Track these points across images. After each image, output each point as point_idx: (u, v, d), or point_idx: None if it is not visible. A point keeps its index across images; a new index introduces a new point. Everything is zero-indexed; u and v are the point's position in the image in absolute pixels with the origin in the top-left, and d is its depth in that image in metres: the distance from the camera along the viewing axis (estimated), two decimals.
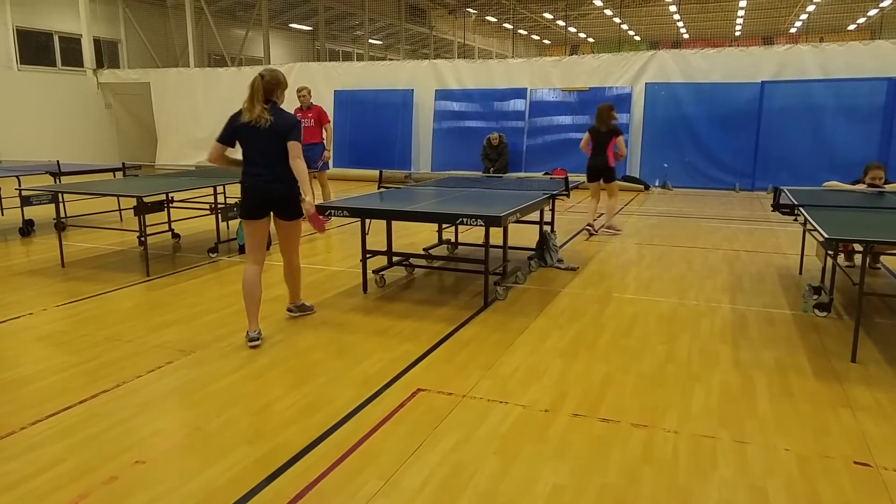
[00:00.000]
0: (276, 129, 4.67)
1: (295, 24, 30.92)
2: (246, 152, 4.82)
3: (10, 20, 18.47)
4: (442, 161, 16.11)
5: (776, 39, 38.52)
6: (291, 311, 5.41)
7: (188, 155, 18.35)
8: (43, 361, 4.46)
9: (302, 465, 3.11)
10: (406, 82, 16.79)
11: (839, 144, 13.07)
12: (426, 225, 8.49)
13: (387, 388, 3.98)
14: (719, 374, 4.20)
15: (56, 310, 5.61)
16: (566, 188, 7.09)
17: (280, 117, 4.73)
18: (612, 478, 3.01)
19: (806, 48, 14.35)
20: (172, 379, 4.15)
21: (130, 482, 2.97)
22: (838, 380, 4.12)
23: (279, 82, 4.78)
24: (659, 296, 6.03)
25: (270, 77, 4.74)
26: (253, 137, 4.72)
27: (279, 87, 4.79)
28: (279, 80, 4.79)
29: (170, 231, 8.40)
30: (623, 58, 15.50)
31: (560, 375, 4.19)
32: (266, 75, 4.74)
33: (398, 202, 6.30)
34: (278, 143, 4.70)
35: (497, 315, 5.44)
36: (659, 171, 14.62)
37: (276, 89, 4.77)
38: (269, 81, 4.72)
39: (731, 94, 14.10)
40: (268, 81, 4.72)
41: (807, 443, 3.33)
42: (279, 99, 4.82)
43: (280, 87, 4.80)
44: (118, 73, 20.30)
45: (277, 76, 4.79)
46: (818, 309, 5.41)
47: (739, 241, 8.62)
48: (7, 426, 3.49)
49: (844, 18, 35.97)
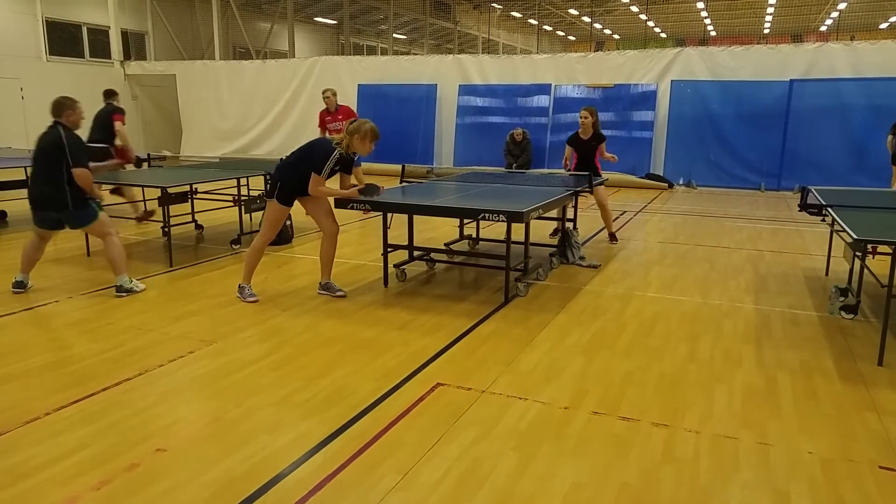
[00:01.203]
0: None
1: (320, 18, 30.98)
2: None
3: (39, 11, 18.69)
4: (464, 156, 16.08)
5: (806, 38, 37.98)
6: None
7: (212, 146, 18.51)
8: (68, 348, 4.52)
9: (320, 456, 3.12)
10: (430, 77, 16.77)
11: (869, 145, 12.82)
12: (447, 220, 8.47)
13: (406, 382, 3.98)
14: (742, 375, 4.15)
15: (81, 298, 5.68)
16: (589, 185, 7.04)
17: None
18: (632, 477, 2.98)
19: (836, 46, 14.10)
20: (194, 368, 4.18)
21: (151, 469, 3.00)
22: (864, 383, 4.05)
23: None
24: (682, 295, 5.97)
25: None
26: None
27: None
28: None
29: (193, 222, 8.46)
30: (649, 55, 15.34)
31: (580, 373, 4.16)
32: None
33: (420, 197, 6.29)
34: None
35: (517, 311, 5.42)
36: (683, 170, 14.46)
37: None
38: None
39: (759, 92, 13.90)
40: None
41: (831, 446, 3.28)
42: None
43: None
44: (145, 65, 20.49)
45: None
46: (845, 311, 5.33)
47: (764, 240, 8.51)
48: (31, 412, 3.54)
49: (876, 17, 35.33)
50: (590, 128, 7.98)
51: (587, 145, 8.06)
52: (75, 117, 5.63)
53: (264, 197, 5.74)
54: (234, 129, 18.84)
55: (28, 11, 18.42)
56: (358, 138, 5.33)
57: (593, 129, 8.01)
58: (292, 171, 5.45)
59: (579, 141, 8.09)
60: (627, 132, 14.85)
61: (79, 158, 5.47)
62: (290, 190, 5.46)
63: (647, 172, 14.53)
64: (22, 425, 3.39)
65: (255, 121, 18.61)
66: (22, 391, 3.82)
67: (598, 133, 8.04)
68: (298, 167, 5.43)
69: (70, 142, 5.46)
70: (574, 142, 8.14)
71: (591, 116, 7.95)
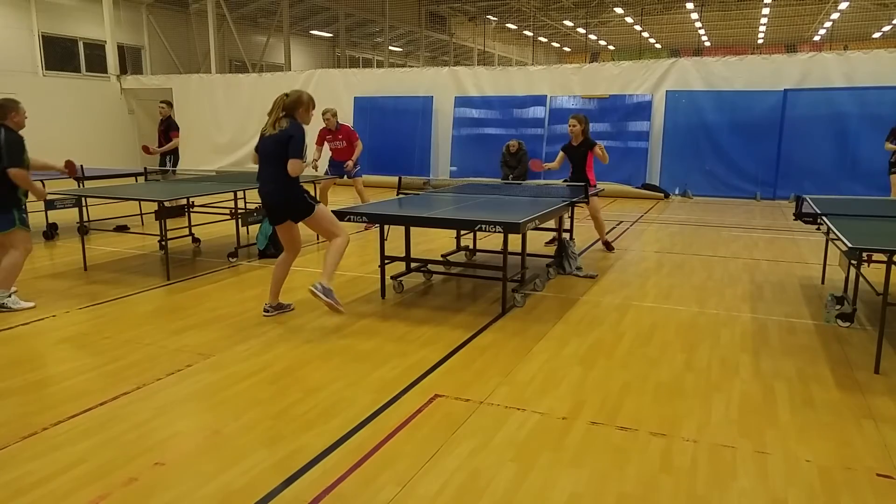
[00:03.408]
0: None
1: (315, 31, 31.13)
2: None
3: (35, 26, 18.77)
4: (461, 168, 16.12)
5: (799, 47, 38.21)
6: (315, 288, 5.03)
7: (209, 160, 18.53)
8: (65, 363, 4.52)
9: (319, 469, 3.12)
10: (426, 89, 16.83)
11: (863, 153, 12.90)
12: (444, 231, 8.49)
13: (404, 394, 3.98)
14: (739, 384, 4.16)
15: (78, 312, 5.67)
16: (585, 196, 7.07)
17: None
18: (630, 487, 2.99)
19: (830, 56, 14.21)
20: (192, 382, 4.18)
21: (150, 483, 2.99)
22: (861, 391, 4.06)
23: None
24: (678, 304, 5.99)
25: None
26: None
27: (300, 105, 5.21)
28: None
29: (190, 235, 8.47)
30: (644, 65, 15.42)
31: (578, 383, 4.17)
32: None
33: (417, 208, 6.31)
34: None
35: (515, 322, 5.43)
36: (679, 180, 14.50)
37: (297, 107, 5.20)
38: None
39: (754, 101, 13.98)
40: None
41: (829, 454, 3.28)
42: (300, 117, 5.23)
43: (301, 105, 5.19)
44: (141, 79, 20.55)
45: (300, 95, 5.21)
46: (841, 319, 5.35)
47: (760, 250, 8.54)
48: (30, 426, 3.53)
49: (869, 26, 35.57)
50: (579, 135, 8.11)
51: (577, 151, 8.17)
52: (19, 118, 5.75)
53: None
54: (231, 142, 18.87)
55: (24, 26, 18.50)
56: (303, 111, 5.17)
57: (583, 136, 8.12)
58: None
59: (571, 148, 8.25)
60: (623, 142, 14.91)
61: (14, 158, 5.55)
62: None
63: (643, 182, 14.59)
64: (20, 440, 3.39)
65: (251, 134, 18.59)
66: (20, 406, 3.81)
67: (587, 140, 8.13)
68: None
69: (8, 141, 5.56)
70: (567, 149, 8.32)
71: (579, 124, 8.07)
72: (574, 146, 8.19)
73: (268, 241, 7.77)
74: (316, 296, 5.03)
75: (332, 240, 5.30)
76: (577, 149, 8.17)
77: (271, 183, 5.20)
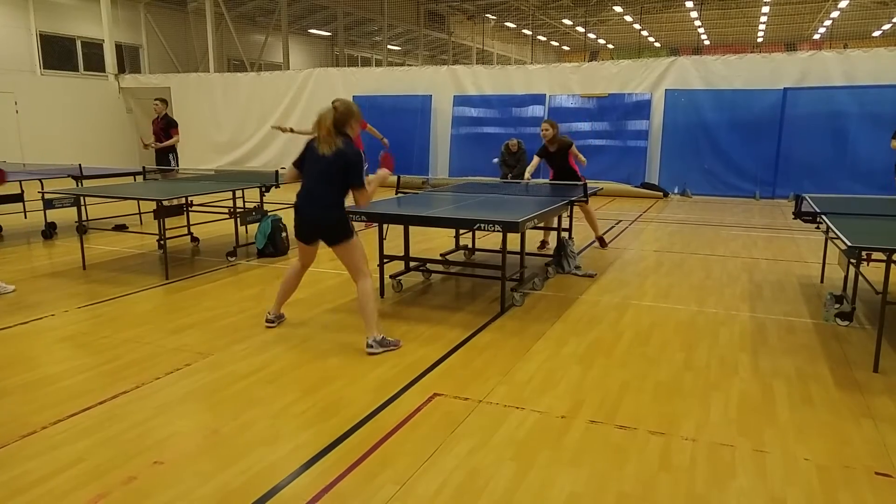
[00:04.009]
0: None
1: (314, 30, 31.11)
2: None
3: (33, 25, 18.75)
4: (460, 167, 16.11)
5: (799, 46, 38.19)
6: (370, 347, 4.64)
7: (208, 159, 18.52)
8: (64, 362, 4.51)
9: (318, 468, 3.12)
10: (424, 88, 16.81)
11: (863, 152, 12.91)
12: (443, 230, 8.49)
13: (403, 393, 3.98)
14: (738, 383, 4.16)
15: (77, 311, 5.67)
16: (584, 194, 7.07)
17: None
18: (629, 486, 2.99)
19: (830, 54, 14.20)
20: (190, 381, 4.18)
21: (149, 482, 2.99)
22: (860, 390, 4.06)
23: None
24: (677, 303, 5.99)
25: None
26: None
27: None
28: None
29: (189, 235, 8.47)
30: (643, 64, 15.41)
31: (577, 382, 4.17)
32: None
33: (416, 207, 6.31)
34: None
35: (514, 321, 5.43)
36: (678, 179, 14.51)
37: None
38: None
39: (753, 100, 13.98)
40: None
41: (827, 453, 3.29)
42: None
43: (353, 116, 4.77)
44: (139, 78, 20.52)
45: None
46: (840, 318, 5.35)
47: (759, 249, 8.54)
48: (28, 425, 3.53)
49: (869, 25, 35.57)
50: (553, 138, 8.01)
51: (557, 155, 8.10)
52: None
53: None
54: (230, 141, 18.86)
55: (22, 25, 18.49)
56: (354, 122, 4.81)
57: (557, 140, 8.01)
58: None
59: (549, 152, 8.13)
60: (622, 141, 14.92)
61: None
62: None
63: (642, 181, 14.59)
64: (19, 439, 3.39)
65: (250, 133, 18.63)
66: (19, 405, 3.81)
67: (563, 142, 8.04)
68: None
69: None
70: (544, 154, 8.18)
71: (551, 129, 7.98)
72: (552, 152, 8.09)
73: (266, 240, 7.76)
74: (376, 354, 4.61)
75: (358, 283, 4.79)
76: (557, 153, 8.08)
77: (321, 204, 4.73)
